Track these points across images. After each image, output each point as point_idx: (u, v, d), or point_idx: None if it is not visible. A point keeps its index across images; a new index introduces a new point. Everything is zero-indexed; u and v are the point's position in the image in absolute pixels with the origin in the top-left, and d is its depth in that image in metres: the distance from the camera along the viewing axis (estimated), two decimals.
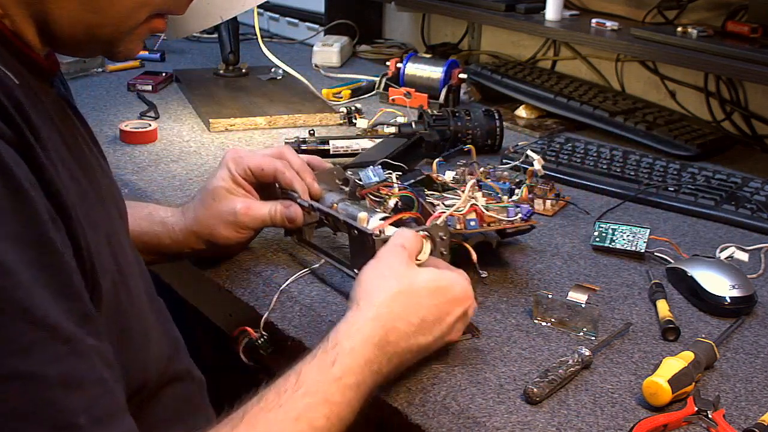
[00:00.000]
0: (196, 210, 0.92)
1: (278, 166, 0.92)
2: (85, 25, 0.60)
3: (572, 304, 0.83)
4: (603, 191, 1.20)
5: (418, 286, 0.73)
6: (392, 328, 0.70)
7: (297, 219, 0.92)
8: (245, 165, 0.92)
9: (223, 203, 0.91)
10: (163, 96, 1.61)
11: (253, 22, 1.72)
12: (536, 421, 0.70)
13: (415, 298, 0.73)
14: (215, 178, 0.92)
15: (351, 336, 0.69)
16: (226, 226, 0.91)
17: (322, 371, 0.66)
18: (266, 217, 0.92)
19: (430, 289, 0.74)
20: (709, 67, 1.37)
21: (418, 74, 1.59)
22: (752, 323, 0.87)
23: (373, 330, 0.69)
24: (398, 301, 0.72)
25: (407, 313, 0.72)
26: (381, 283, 0.73)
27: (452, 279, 0.76)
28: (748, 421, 0.71)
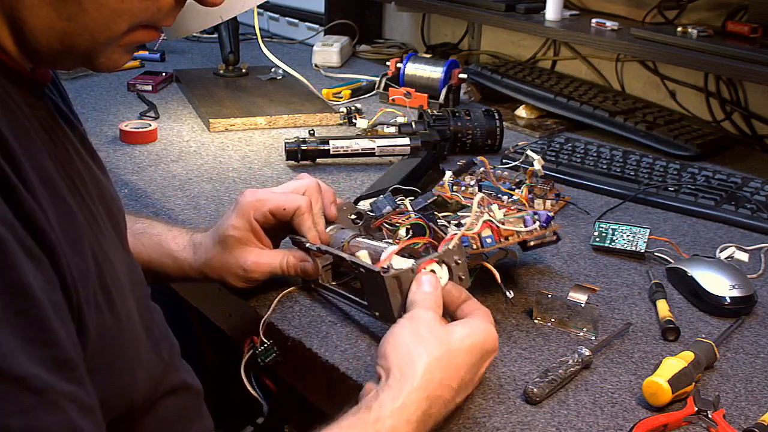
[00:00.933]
0: (207, 253, 0.88)
1: (301, 206, 0.87)
2: (61, 33, 0.58)
3: (572, 304, 0.83)
4: (603, 191, 1.20)
5: (455, 347, 0.69)
6: (436, 398, 0.67)
7: (311, 274, 0.88)
8: (265, 210, 0.87)
9: (233, 254, 0.86)
10: (163, 96, 1.61)
11: (253, 22, 1.72)
12: (536, 421, 0.70)
13: (454, 360, 0.68)
14: (228, 226, 0.87)
15: (394, 413, 0.64)
16: (234, 278, 0.87)
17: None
18: (277, 270, 0.87)
19: (466, 348, 0.69)
20: (709, 67, 1.37)
21: (418, 74, 1.59)
22: (752, 323, 0.87)
23: (418, 404, 0.65)
24: (440, 367, 0.67)
25: (449, 378, 0.68)
26: (419, 346, 0.68)
27: (484, 331, 0.72)
28: (748, 421, 0.71)
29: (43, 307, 0.51)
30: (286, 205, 0.86)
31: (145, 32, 0.62)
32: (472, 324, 0.72)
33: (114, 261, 0.65)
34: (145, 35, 0.62)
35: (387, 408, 0.64)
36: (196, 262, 0.89)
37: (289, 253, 0.87)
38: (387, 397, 0.65)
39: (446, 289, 0.75)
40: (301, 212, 0.86)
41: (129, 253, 0.74)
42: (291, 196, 0.88)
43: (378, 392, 0.66)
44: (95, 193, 0.66)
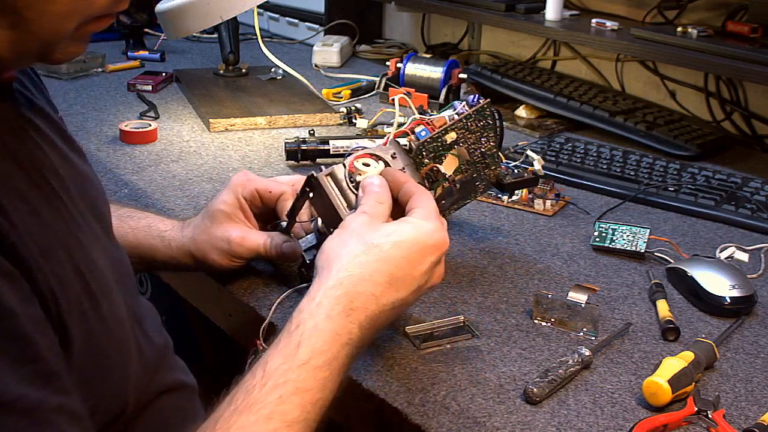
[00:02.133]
0: (194, 229, 0.90)
1: (286, 191, 0.90)
2: (8, 42, 0.56)
3: (572, 304, 0.83)
4: (603, 191, 1.20)
5: (377, 242, 0.69)
6: (356, 294, 0.67)
7: (292, 258, 0.89)
8: (253, 187, 0.90)
9: (219, 228, 0.88)
10: (163, 96, 1.61)
11: (253, 22, 1.72)
12: (536, 421, 0.70)
13: (378, 256, 0.69)
14: (217, 201, 0.90)
15: (312, 313, 0.65)
16: (218, 253, 0.88)
17: (287, 358, 0.63)
18: (260, 249, 0.88)
19: (391, 243, 0.69)
20: (709, 67, 1.37)
21: (418, 74, 1.59)
22: (752, 323, 0.87)
23: (336, 300, 0.66)
24: (359, 263, 0.68)
25: (371, 274, 0.68)
26: (342, 249, 0.69)
27: (418, 227, 0.71)
28: (748, 421, 0.71)
29: (22, 324, 0.50)
30: (272, 188, 0.90)
31: (98, 22, 0.60)
32: (405, 221, 0.72)
33: (97, 259, 0.64)
34: (99, 25, 0.61)
35: (304, 311, 0.66)
36: (182, 240, 0.90)
37: (274, 236, 0.89)
38: (305, 302, 0.67)
39: (388, 173, 0.77)
40: (285, 198, 0.89)
41: (115, 242, 0.73)
42: (278, 182, 0.91)
43: (299, 303, 0.67)
44: (73, 186, 0.65)
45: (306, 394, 0.62)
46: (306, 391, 0.62)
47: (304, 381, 0.62)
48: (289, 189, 0.90)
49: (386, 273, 0.69)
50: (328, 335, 0.65)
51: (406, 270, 0.70)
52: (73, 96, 1.59)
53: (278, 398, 0.61)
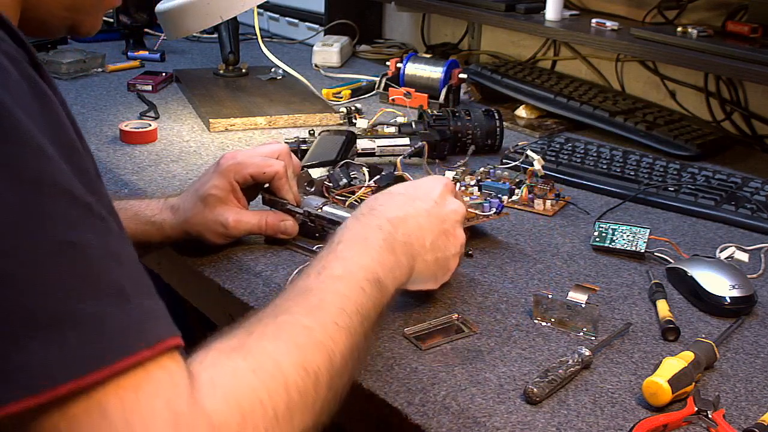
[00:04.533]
0: (187, 212, 0.94)
1: (279, 170, 0.95)
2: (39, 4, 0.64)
3: (572, 304, 0.83)
4: (603, 191, 1.20)
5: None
6: (375, 209, 0.77)
7: (291, 233, 0.96)
8: (246, 173, 0.94)
9: (214, 212, 0.93)
10: (163, 96, 1.61)
11: (253, 22, 1.72)
12: (536, 421, 0.70)
13: (390, 193, 0.80)
14: (209, 185, 0.93)
15: (336, 235, 0.73)
16: (213, 234, 0.94)
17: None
18: (255, 229, 0.95)
19: (403, 185, 0.82)
20: (709, 67, 1.37)
21: (418, 74, 1.59)
22: (752, 323, 0.87)
23: (354, 219, 0.75)
24: (374, 198, 0.79)
25: (386, 194, 0.79)
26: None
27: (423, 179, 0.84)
28: (748, 421, 0.71)
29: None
30: (265, 169, 0.94)
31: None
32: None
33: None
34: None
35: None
36: (176, 222, 0.94)
37: (268, 214, 0.95)
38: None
39: None
40: (280, 176, 0.95)
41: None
42: (269, 160, 0.96)
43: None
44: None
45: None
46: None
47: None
48: (281, 166, 0.95)
49: (399, 192, 0.81)
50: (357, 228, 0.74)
51: (418, 189, 0.81)
52: (73, 96, 1.59)
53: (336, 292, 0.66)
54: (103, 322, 0.49)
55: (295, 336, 0.60)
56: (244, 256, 0.97)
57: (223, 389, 0.53)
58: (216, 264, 0.96)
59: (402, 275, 0.75)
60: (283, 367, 0.57)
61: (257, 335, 0.59)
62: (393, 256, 0.73)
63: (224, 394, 0.53)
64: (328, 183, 1.02)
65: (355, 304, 0.66)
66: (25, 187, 0.48)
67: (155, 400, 0.49)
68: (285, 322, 0.61)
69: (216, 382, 0.53)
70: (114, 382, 0.48)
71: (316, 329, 0.61)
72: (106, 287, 0.50)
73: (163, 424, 0.48)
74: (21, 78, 0.50)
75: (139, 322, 0.50)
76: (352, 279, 0.68)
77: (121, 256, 0.52)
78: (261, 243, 0.99)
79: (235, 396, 0.53)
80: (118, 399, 0.48)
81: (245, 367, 0.55)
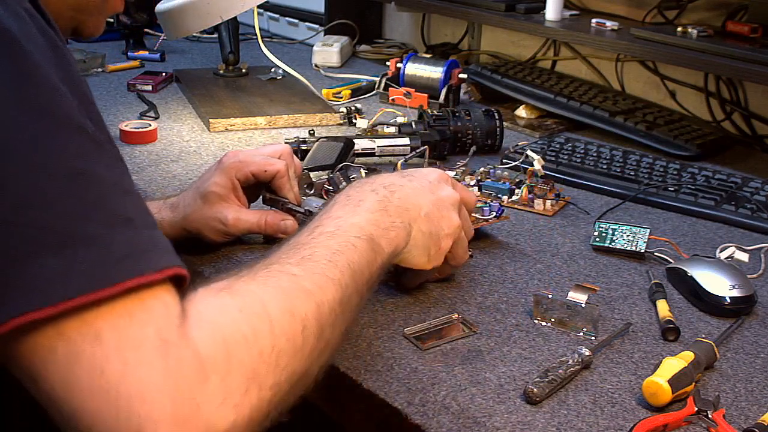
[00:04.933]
0: (187, 208, 0.94)
1: (281, 169, 0.95)
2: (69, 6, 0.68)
3: (572, 304, 0.83)
4: (603, 191, 1.20)
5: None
6: (371, 178, 0.80)
7: (292, 233, 0.94)
8: (247, 171, 0.95)
9: (213, 209, 0.93)
10: (163, 96, 1.61)
11: (253, 22, 1.72)
12: (536, 421, 0.70)
13: (384, 174, 0.83)
14: (210, 182, 0.94)
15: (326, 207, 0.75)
16: (212, 231, 0.94)
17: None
18: (254, 227, 0.95)
19: (401, 171, 0.84)
20: (709, 67, 1.37)
21: (418, 74, 1.59)
22: (752, 323, 0.87)
23: (346, 199, 0.76)
24: (369, 179, 0.80)
25: (380, 180, 0.80)
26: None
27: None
28: (748, 421, 0.71)
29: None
30: (267, 168, 0.95)
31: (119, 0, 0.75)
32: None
33: None
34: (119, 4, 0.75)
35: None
36: (175, 219, 0.95)
37: (268, 213, 0.95)
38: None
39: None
40: (281, 175, 0.95)
41: None
42: (271, 159, 0.96)
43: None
44: None
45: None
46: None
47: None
48: (283, 166, 0.95)
49: (396, 173, 0.83)
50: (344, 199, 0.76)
51: (414, 172, 0.83)
52: None
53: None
54: (110, 245, 0.51)
55: (282, 282, 0.61)
56: (244, 256, 0.97)
57: (210, 324, 0.54)
58: (216, 264, 0.96)
59: (398, 237, 0.76)
60: (269, 309, 0.58)
61: (246, 279, 0.60)
62: (388, 217, 0.75)
63: (211, 328, 0.54)
64: (328, 186, 1.02)
65: (346, 259, 0.67)
66: (42, 117, 0.51)
67: (147, 328, 0.50)
68: (274, 269, 0.62)
69: (203, 317, 0.54)
70: (110, 306, 0.50)
71: (304, 278, 0.62)
72: (114, 214, 0.52)
73: (153, 351, 0.50)
74: (39, 33, 0.54)
75: (144, 249, 0.53)
76: (344, 236, 0.69)
77: (130, 191, 0.55)
78: (261, 243, 0.99)
79: (221, 331, 0.54)
80: (112, 324, 0.50)
81: (232, 305, 0.57)
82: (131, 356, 0.49)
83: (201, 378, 0.51)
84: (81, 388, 0.49)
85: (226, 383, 0.52)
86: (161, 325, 0.51)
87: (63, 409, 0.49)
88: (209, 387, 0.51)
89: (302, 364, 0.59)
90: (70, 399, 0.49)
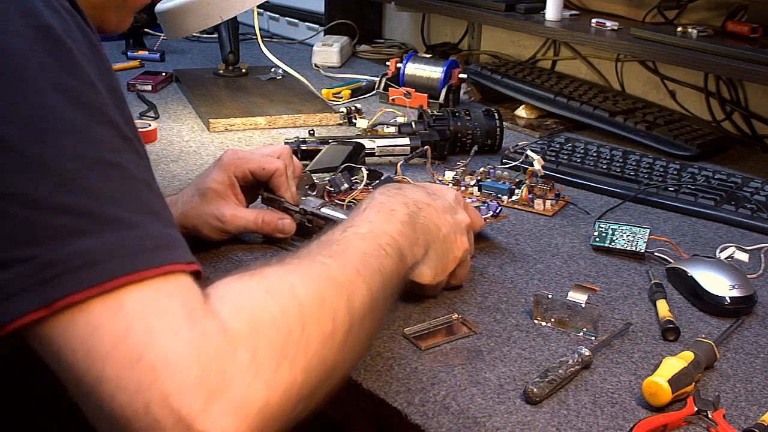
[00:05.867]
0: (185, 205, 0.95)
1: (279, 167, 0.95)
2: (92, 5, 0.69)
3: (572, 304, 0.83)
4: (603, 191, 1.20)
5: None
6: (402, 188, 0.80)
7: (288, 232, 0.96)
8: (246, 169, 0.95)
9: (211, 206, 0.93)
10: (162, 96, 1.61)
11: (253, 22, 1.72)
12: (536, 421, 0.70)
13: (411, 186, 0.85)
14: (209, 179, 0.95)
15: (350, 217, 0.75)
16: (209, 228, 0.94)
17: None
18: (251, 225, 0.95)
19: (421, 184, 0.86)
20: (709, 67, 1.37)
21: (418, 74, 1.59)
22: (752, 323, 0.87)
23: (365, 205, 0.76)
24: (379, 193, 0.79)
25: (391, 194, 0.79)
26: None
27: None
28: (748, 421, 0.71)
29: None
30: (265, 166, 0.95)
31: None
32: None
33: None
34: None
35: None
36: (174, 215, 0.94)
37: (265, 212, 0.96)
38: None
39: None
40: (279, 174, 0.95)
41: None
42: (270, 158, 0.96)
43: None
44: None
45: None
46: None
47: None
48: (282, 164, 0.95)
49: (419, 186, 0.85)
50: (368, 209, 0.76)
51: (436, 190, 0.85)
52: None
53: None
54: (145, 232, 0.52)
55: (313, 270, 0.60)
56: (244, 256, 0.97)
57: (233, 302, 0.54)
58: (216, 264, 0.96)
59: (418, 253, 0.77)
60: (298, 294, 0.57)
61: (275, 266, 0.60)
62: (413, 232, 0.75)
63: (234, 306, 0.53)
64: (329, 187, 1.02)
65: (377, 262, 0.66)
66: (80, 109, 0.53)
67: (173, 299, 0.51)
68: (305, 259, 0.62)
69: (226, 297, 0.54)
70: (137, 283, 0.50)
71: (336, 269, 0.62)
72: (145, 205, 0.53)
73: (179, 320, 0.50)
74: (78, 30, 0.56)
75: (172, 242, 0.53)
76: (376, 240, 0.69)
77: (155, 189, 0.56)
78: (261, 243, 0.99)
79: (246, 309, 0.53)
80: (137, 295, 0.50)
81: (257, 287, 0.56)
82: (156, 324, 0.49)
83: (229, 350, 0.50)
84: (102, 354, 0.48)
85: (256, 358, 0.51)
86: (187, 297, 0.51)
87: (84, 381, 0.48)
88: (238, 360, 0.50)
89: (333, 353, 0.57)
90: (90, 366, 0.48)
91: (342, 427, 0.81)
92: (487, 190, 1.13)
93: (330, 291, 0.59)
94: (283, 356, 0.52)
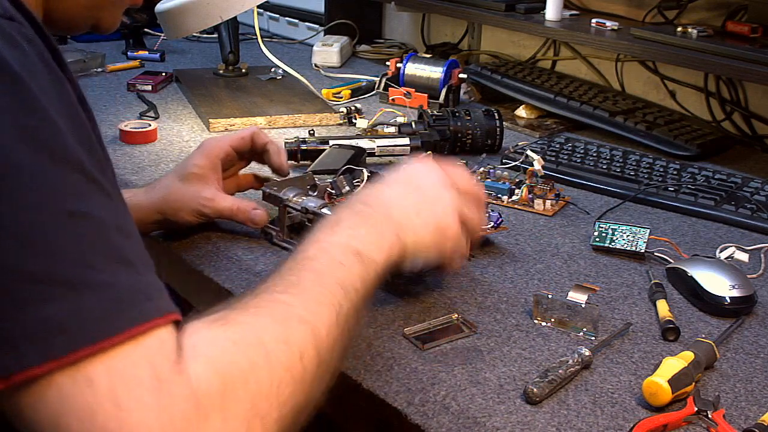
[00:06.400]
0: (165, 189, 0.97)
1: (254, 130, 1.02)
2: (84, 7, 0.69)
3: (572, 304, 0.83)
4: (603, 191, 1.20)
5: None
6: (364, 200, 0.77)
7: (261, 223, 0.97)
8: (226, 146, 0.99)
9: (191, 188, 0.96)
10: (162, 96, 1.61)
11: (253, 22, 1.72)
12: (536, 421, 0.70)
13: (379, 184, 0.80)
14: (189, 164, 0.97)
15: (328, 219, 0.75)
16: (189, 211, 0.96)
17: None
18: (227, 212, 0.96)
19: (392, 175, 0.82)
20: (709, 67, 1.37)
21: (418, 74, 1.59)
22: (752, 323, 0.87)
23: (348, 205, 0.77)
24: (365, 190, 0.80)
25: (377, 191, 0.79)
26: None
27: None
28: (748, 421, 0.71)
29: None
30: (242, 135, 1.01)
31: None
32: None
33: None
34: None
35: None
36: (151, 200, 0.97)
37: (241, 200, 0.98)
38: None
39: None
40: (257, 133, 1.02)
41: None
42: (242, 129, 1.04)
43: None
44: None
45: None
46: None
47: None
48: (255, 128, 1.03)
49: (383, 191, 0.80)
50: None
51: (392, 178, 0.81)
52: None
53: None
54: (113, 292, 0.50)
55: (274, 312, 0.60)
56: (244, 256, 0.97)
57: (204, 357, 0.53)
58: (216, 264, 0.96)
59: (391, 245, 0.74)
60: (264, 341, 0.57)
61: (238, 310, 0.59)
62: (371, 228, 0.73)
63: (206, 362, 0.53)
64: (330, 189, 1.02)
65: (335, 279, 0.66)
66: (40, 154, 0.49)
67: (141, 367, 0.49)
68: (264, 299, 0.62)
69: (198, 350, 0.53)
70: (105, 351, 0.48)
71: (295, 305, 0.62)
72: (114, 258, 0.51)
73: (146, 391, 0.49)
74: (38, 60, 0.52)
75: (146, 295, 0.52)
76: (327, 256, 0.68)
77: (128, 232, 0.53)
78: (261, 243, 0.99)
79: (215, 365, 0.53)
80: (105, 367, 0.48)
81: (225, 337, 0.56)
82: (124, 398, 0.48)
83: (200, 417, 0.50)
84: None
85: (227, 422, 0.51)
86: (156, 362, 0.50)
87: None
88: (209, 426, 0.50)
89: (304, 393, 0.58)
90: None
91: (342, 427, 0.81)
92: (488, 190, 1.13)
93: (293, 330, 0.59)
94: (254, 414, 0.53)
